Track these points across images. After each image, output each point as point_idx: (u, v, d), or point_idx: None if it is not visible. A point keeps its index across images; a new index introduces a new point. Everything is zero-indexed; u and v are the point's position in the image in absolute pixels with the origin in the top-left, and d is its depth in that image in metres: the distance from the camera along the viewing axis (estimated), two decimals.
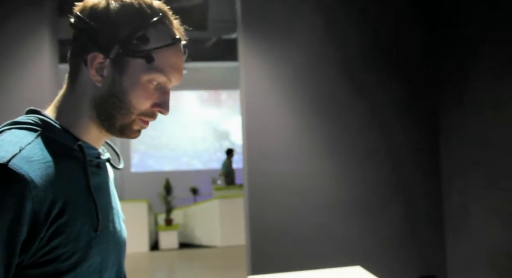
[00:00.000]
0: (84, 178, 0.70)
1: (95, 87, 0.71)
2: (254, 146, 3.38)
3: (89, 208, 0.69)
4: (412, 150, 3.62)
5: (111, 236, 0.75)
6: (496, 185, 3.03)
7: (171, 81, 0.75)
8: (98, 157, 0.76)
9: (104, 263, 0.71)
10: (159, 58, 0.71)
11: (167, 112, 0.75)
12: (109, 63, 0.70)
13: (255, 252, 3.32)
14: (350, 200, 3.50)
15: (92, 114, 0.72)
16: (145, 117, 0.74)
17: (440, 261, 3.63)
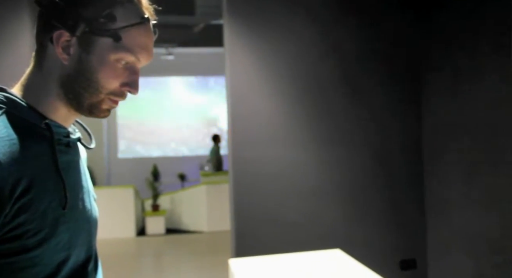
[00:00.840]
0: (52, 156, 0.70)
1: (62, 66, 0.71)
2: (239, 132, 3.38)
3: (57, 186, 0.69)
4: (395, 136, 3.67)
5: (81, 214, 0.75)
6: (476, 171, 3.09)
7: (140, 61, 0.75)
8: (67, 136, 0.76)
9: (73, 240, 0.71)
10: (127, 37, 0.71)
11: (136, 92, 0.75)
12: (76, 42, 0.70)
13: (240, 237, 3.35)
14: (333, 185, 3.54)
15: (59, 93, 0.72)
16: (114, 97, 0.74)
17: (421, 245, 3.71)
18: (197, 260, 5.19)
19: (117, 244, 6.25)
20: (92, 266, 0.78)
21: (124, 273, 4.87)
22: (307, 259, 1.93)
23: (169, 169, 9.06)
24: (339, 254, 2.02)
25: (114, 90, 0.73)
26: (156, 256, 5.68)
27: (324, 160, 3.52)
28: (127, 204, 6.68)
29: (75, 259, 0.72)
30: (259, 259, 1.97)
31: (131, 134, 9.98)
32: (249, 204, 3.37)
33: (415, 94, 3.70)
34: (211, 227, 6.76)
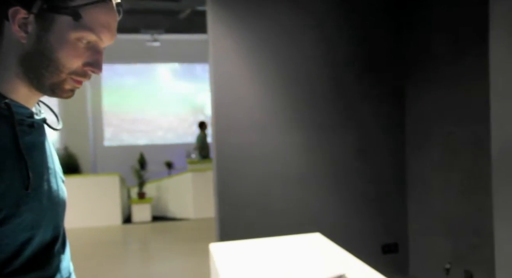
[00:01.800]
0: (13, 137, 0.69)
1: (20, 44, 0.69)
2: (223, 118, 3.38)
3: (19, 166, 0.68)
4: (379, 123, 3.70)
5: (45, 195, 0.74)
6: (455, 156, 3.15)
7: (102, 40, 0.73)
8: (31, 116, 0.75)
9: (37, 220, 0.71)
10: (88, 15, 0.69)
11: (99, 72, 0.74)
12: (33, 19, 0.68)
13: (224, 222, 3.37)
14: (317, 171, 3.57)
15: (19, 72, 0.70)
16: (77, 77, 0.73)
17: (402, 229, 3.78)
18: (183, 246, 5.22)
19: (103, 232, 6.24)
20: (59, 247, 0.78)
21: (111, 261, 4.88)
22: (286, 243, 1.95)
23: (156, 157, 9.02)
24: (319, 238, 2.05)
25: (76, 70, 0.72)
26: (142, 243, 5.69)
27: (307, 146, 3.53)
28: (113, 191, 6.65)
29: (40, 239, 0.72)
30: (239, 243, 1.99)
31: (117, 122, 9.89)
32: (233, 190, 3.38)
33: (398, 83, 3.73)
34: (197, 214, 6.78)
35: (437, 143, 3.34)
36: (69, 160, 7.75)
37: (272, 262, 1.66)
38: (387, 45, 3.70)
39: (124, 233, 6.38)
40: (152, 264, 4.63)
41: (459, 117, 3.07)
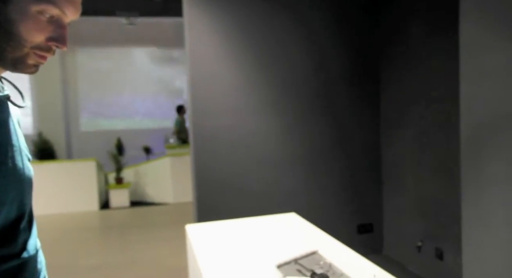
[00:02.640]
0: None
1: None
2: (200, 101, 3.36)
3: None
4: (354, 107, 3.74)
5: (10, 172, 0.73)
6: (427, 138, 3.22)
7: (66, 14, 0.72)
8: None
9: (0, 198, 0.70)
10: None
11: (64, 47, 0.73)
12: None
13: (201, 205, 3.39)
14: (293, 153, 3.61)
15: None
16: (40, 52, 0.71)
17: (377, 210, 3.87)
18: (162, 231, 5.22)
19: (80, 218, 6.18)
20: (25, 225, 0.77)
21: (89, 246, 4.85)
22: (262, 223, 1.98)
23: (134, 142, 8.90)
24: (294, 217, 2.08)
25: (39, 44, 0.70)
26: (120, 228, 5.66)
27: (284, 129, 3.56)
28: (89, 177, 6.57)
29: (4, 216, 0.71)
30: (215, 224, 2.01)
31: (93, 107, 9.70)
32: (210, 173, 3.39)
33: (374, 69, 3.77)
34: (176, 198, 6.78)
35: (410, 124, 3.41)
36: (44, 145, 7.57)
37: (247, 241, 1.68)
38: (362, 29, 3.72)
39: (102, 218, 6.33)
40: (130, 248, 4.62)
41: (431, 99, 3.14)
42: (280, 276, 1.23)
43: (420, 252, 3.36)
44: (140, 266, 4.00)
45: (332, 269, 1.26)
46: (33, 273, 0.78)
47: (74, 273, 3.89)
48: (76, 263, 4.17)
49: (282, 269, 1.27)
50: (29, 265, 0.77)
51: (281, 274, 1.22)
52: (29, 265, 0.77)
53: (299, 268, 1.27)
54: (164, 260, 4.12)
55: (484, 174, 2.14)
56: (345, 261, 1.37)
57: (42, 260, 0.85)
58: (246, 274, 1.30)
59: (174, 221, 5.74)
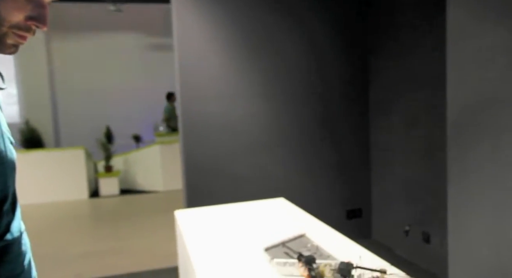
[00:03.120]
0: None
1: None
2: (189, 88, 3.33)
3: None
4: (344, 91, 3.75)
5: None
6: (414, 123, 3.25)
7: None
8: None
9: None
10: None
11: (44, 27, 0.71)
12: None
13: (191, 191, 3.39)
14: (282, 139, 3.62)
15: None
16: (19, 31, 0.69)
17: (366, 195, 3.91)
18: (153, 218, 5.22)
19: (70, 206, 6.15)
20: (9, 207, 0.77)
21: (79, 234, 4.84)
22: (251, 208, 1.99)
23: (123, 130, 8.84)
24: (283, 202, 2.09)
25: (18, 23, 0.69)
26: (111, 216, 5.65)
27: (273, 115, 3.56)
28: (78, 165, 6.52)
29: None
30: (204, 209, 2.01)
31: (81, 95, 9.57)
32: (199, 159, 3.39)
33: (363, 56, 3.77)
34: (166, 186, 6.77)
35: (398, 110, 3.43)
36: (31, 134, 7.47)
37: (236, 226, 1.69)
38: (351, 17, 3.71)
39: (92, 206, 6.31)
40: (121, 236, 4.62)
41: (419, 85, 3.16)
42: (268, 258, 1.24)
43: (407, 236, 3.42)
44: (130, 254, 4.01)
45: (319, 251, 1.27)
46: (18, 255, 0.78)
47: (64, 261, 3.88)
48: (66, 251, 4.17)
49: (270, 252, 1.28)
50: (13, 247, 0.76)
51: (269, 257, 1.23)
52: (13, 247, 0.76)
53: (287, 250, 1.28)
54: (155, 247, 4.13)
55: (469, 158, 2.17)
56: (332, 243, 1.38)
57: (27, 242, 0.84)
58: (235, 257, 1.31)
59: (164, 208, 5.74)
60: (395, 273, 1.09)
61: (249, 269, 1.21)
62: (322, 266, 1.11)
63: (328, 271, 1.10)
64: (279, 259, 1.19)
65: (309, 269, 1.10)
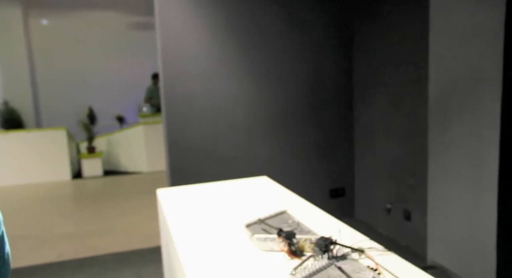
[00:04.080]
0: None
1: None
2: (171, 66, 3.27)
3: None
4: (328, 70, 3.73)
5: None
6: (397, 102, 3.26)
7: None
8: None
9: None
10: None
11: None
12: None
13: (174, 171, 3.36)
14: (266, 119, 3.60)
15: None
16: None
17: (349, 174, 3.95)
18: (136, 199, 5.20)
19: (52, 187, 6.08)
20: None
21: (62, 215, 4.79)
22: (233, 186, 1.98)
23: (106, 111, 8.70)
24: (266, 180, 2.09)
25: None
26: (94, 197, 5.61)
27: (257, 94, 3.53)
28: (60, 146, 6.43)
29: None
30: (186, 188, 2.00)
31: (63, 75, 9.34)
32: (182, 139, 3.35)
33: (347, 33, 3.74)
34: (150, 167, 6.74)
35: (381, 89, 3.44)
36: (11, 115, 7.30)
37: (218, 204, 1.68)
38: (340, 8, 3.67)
39: (75, 188, 6.25)
40: (105, 216, 4.60)
41: (402, 63, 3.16)
42: (248, 234, 1.24)
43: (389, 214, 3.47)
44: (114, 233, 4.00)
45: (300, 227, 1.27)
46: None
47: (46, 242, 3.85)
48: (48, 232, 4.13)
49: (250, 228, 1.27)
50: None
51: (250, 233, 1.23)
52: None
53: (268, 227, 1.28)
54: (138, 227, 4.12)
55: (450, 135, 2.19)
56: (314, 220, 1.39)
57: None
58: (216, 234, 1.31)
59: (148, 189, 5.71)
60: (374, 247, 1.10)
61: (230, 245, 1.21)
62: (302, 241, 1.11)
63: (308, 246, 1.10)
64: (259, 235, 1.18)
65: (289, 244, 1.10)
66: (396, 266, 1.00)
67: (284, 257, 1.09)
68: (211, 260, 1.11)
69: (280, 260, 1.08)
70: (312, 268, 0.94)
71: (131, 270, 3.11)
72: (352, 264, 0.97)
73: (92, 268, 3.19)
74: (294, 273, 0.93)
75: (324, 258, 0.98)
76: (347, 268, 0.94)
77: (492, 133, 1.87)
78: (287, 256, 1.09)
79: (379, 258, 1.04)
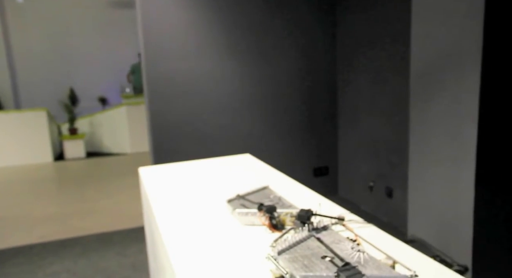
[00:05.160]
0: None
1: None
2: (152, 44, 3.20)
3: None
4: (312, 52, 3.71)
5: None
6: (380, 81, 3.27)
7: None
8: None
9: None
10: None
11: None
12: None
13: (157, 150, 3.34)
14: (250, 98, 3.58)
15: None
16: None
17: (332, 153, 3.98)
18: (120, 180, 5.17)
19: (34, 169, 5.99)
20: None
21: (44, 197, 4.74)
22: (216, 164, 1.98)
23: (88, 93, 8.53)
24: (249, 158, 2.09)
25: None
26: (77, 179, 5.54)
27: (241, 73, 3.49)
28: (41, 128, 6.30)
29: None
30: (168, 166, 1.98)
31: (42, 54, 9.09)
32: (165, 118, 3.32)
33: (330, 12, 3.71)
34: (134, 148, 6.68)
35: (365, 67, 3.44)
36: None
37: (200, 181, 1.68)
38: None
39: (57, 169, 6.17)
40: (87, 198, 4.56)
41: (385, 42, 3.15)
42: (229, 210, 1.24)
43: (372, 191, 3.53)
44: (97, 214, 3.97)
45: (282, 202, 1.28)
46: None
47: (28, 223, 3.81)
48: (30, 214, 4.09)
49: (232, 203, 1.27)
50: None
51: (231, 208, 1.23)
52: None
53: (249, 202, 1.28)
54: (122, 208, 4.11)
55: (431, 112, 2.21)
56: (295, 195, 1.39)
57: None
58: (197, 210, 1.30)
59: (131, 170, 5.67)
60: (354, 220, 1.11)
61: (212, 221, 1.21)
62: (283, 214, 1.11)
63: (288, 219, 1.10)
64: (241, 209, 1.18)
65: (270, 217, 1.10)
66: (375, 237, 1.01)
67: (265, 231, 1.10)
68: (193, 235, 1.11)
69: (261, 234, 1.09)
70: (292, 240, 0.94)
71: (115, 250, 3.11)
72: (332, 235, 0.97)
73: (76, 249, 3.18)
74: (274, 245, 0.93)
75: (304, 230, 0.99)
76: (327, 239, 0.95)
77: (471, 110, 1.90)
78: (268, 229, 1.09)
79: (359, 230, 1.05)
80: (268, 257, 0.87)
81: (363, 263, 0.82)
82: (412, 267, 0.79)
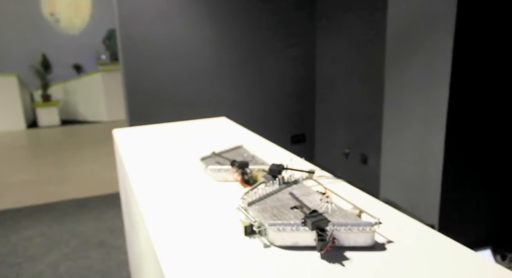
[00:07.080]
0: None
1: None
2: (127, 8, 3.10)
3: None
4: (290, 14, 3.66)
5: None
6: (357, 48, 3.27)
7: None
8: None
9: None
10: None
11: None
12: None
13: (133, 115, 3.29)
14: (227, 63, 3.53)
15: None
16: None
17: (309, 120, 4.01)
18: (95, 147, 5.10)
19: (6, 137, 5.84)
20: None
21: (18, 163, 4.65)
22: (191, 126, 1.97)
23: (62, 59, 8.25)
24: (225, 121, 2.08)
25: None
26: (51, 146, 5.45)
27: (217, 37, 3.43)
28: (11, 94, 6.12)
29: None
30: (143, 128, 1.96)
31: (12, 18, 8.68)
32: (141, 84, 3.26)
33: None
34: (110, 116, 6.57)
35: (342, 33, 3.43)
36: None
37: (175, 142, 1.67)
38: None
39: (30, 137, 6.03)
40: (63, 165, 4.50)
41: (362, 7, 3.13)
42: (203, 167, 1.25)
43: (347, 158, 3.59)
44: (73, 181, 3.94)
45: (255, 160, 1.29)
46: None
47: (3, 189, 3.75)
48: (4, 180, 4.02)
49: (205, 161, 1.28)
50: None
51: (204, 165, 1.23)
52: None
53: (222, 159, 1.28)
54: (98, 174, 4.07)
55: (405, 77, 2.24)
56: (268, 153, 1.40)
57: None
58: (170, 169, 1.30)
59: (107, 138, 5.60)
60: (324, 175, 1.13)
61: (185, 178, 1.21)
62: (256, 170, 1.12)
63: (261, 176, 1.12)
64: (213, 166, 1.19)
65: (242, 173, 1.11)
66: (344, 191, 1.04)
67: (237, 187, 1.11)
68: (166, 192, 1.11)
69: (233, 189, 1.10)
70: (262, 193, 0.96)
71: (92, 215, 3.11)
72: (302, 189, 0.99)
73: (51, 214, 3.16)
74: (245, 197, 0.95)
75: (275, 184, 1.00)
76: (297, 192, 0.97)
77: (443, 73, 1.92)
78: (241, 185, 1.10)
79: (329, 184, 1.07)
80: (238, 208, 0.88)
81: (331, 213, 0.84)
82: (377, 216, 0.82)
